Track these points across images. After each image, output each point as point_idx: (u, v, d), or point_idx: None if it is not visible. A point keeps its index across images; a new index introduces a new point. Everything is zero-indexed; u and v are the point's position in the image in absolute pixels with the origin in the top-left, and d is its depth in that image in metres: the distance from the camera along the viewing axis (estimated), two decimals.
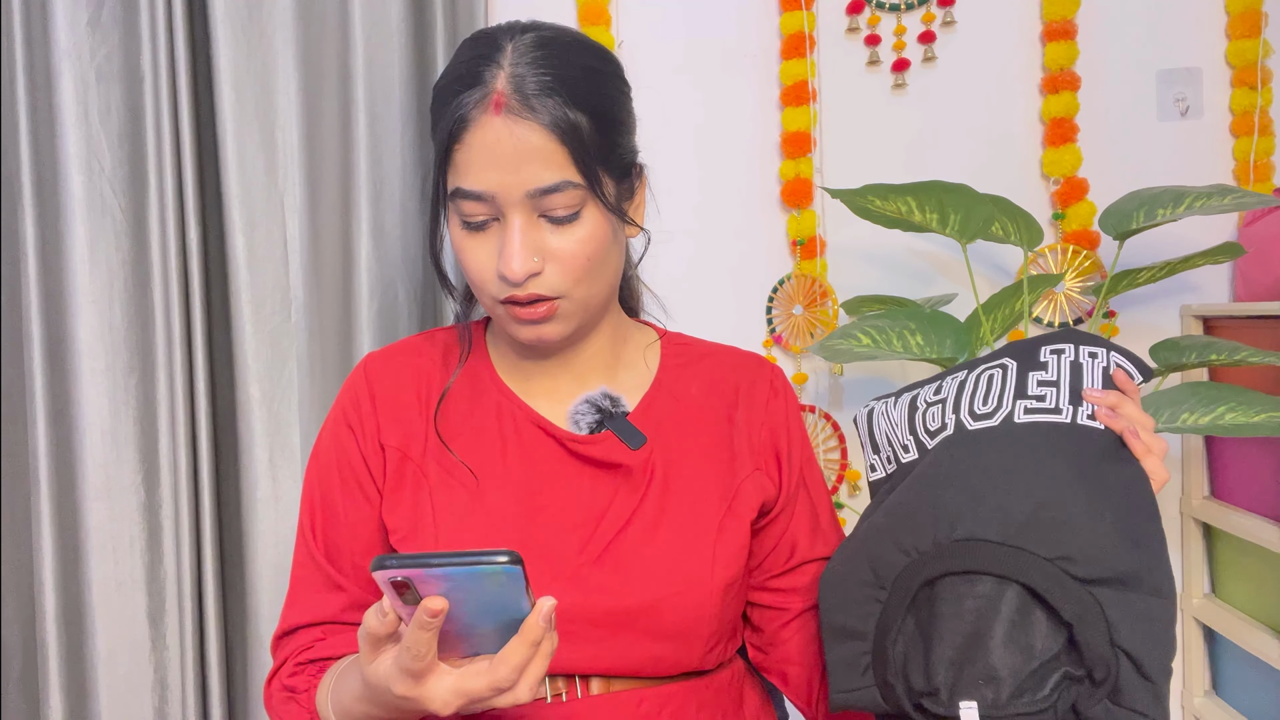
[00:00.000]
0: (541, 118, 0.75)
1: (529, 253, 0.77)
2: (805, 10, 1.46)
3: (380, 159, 1.39)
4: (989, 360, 0.82)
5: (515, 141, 0.75)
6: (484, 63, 0.77)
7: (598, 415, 0.85)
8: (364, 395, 0.88)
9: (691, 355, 0.93)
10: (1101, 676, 0.67)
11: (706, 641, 0.82)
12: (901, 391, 0.86)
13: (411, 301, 1.43)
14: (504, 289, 0.78)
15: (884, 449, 0.84)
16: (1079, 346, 0.78)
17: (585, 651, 0.79)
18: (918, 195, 1.27)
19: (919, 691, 0.71)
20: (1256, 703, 1.32)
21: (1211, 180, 1.42)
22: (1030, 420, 0.75)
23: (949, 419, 0.79)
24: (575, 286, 0.79)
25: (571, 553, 0.80)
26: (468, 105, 0.76)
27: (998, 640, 0.69)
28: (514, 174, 0.75)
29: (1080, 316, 1.44)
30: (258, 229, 1.37)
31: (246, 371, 1.37)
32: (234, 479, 1.42)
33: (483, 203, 0.77)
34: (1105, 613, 0.67)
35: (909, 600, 0.72)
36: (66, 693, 1.37)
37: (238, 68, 1.36)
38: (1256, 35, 1.39)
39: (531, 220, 0.77)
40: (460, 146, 0.77)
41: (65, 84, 1.35)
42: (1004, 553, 0.69)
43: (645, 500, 0.82)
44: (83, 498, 1.37)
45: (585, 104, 0.77)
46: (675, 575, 0.80)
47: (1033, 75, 1.45)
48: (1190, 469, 1.42)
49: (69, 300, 1.37)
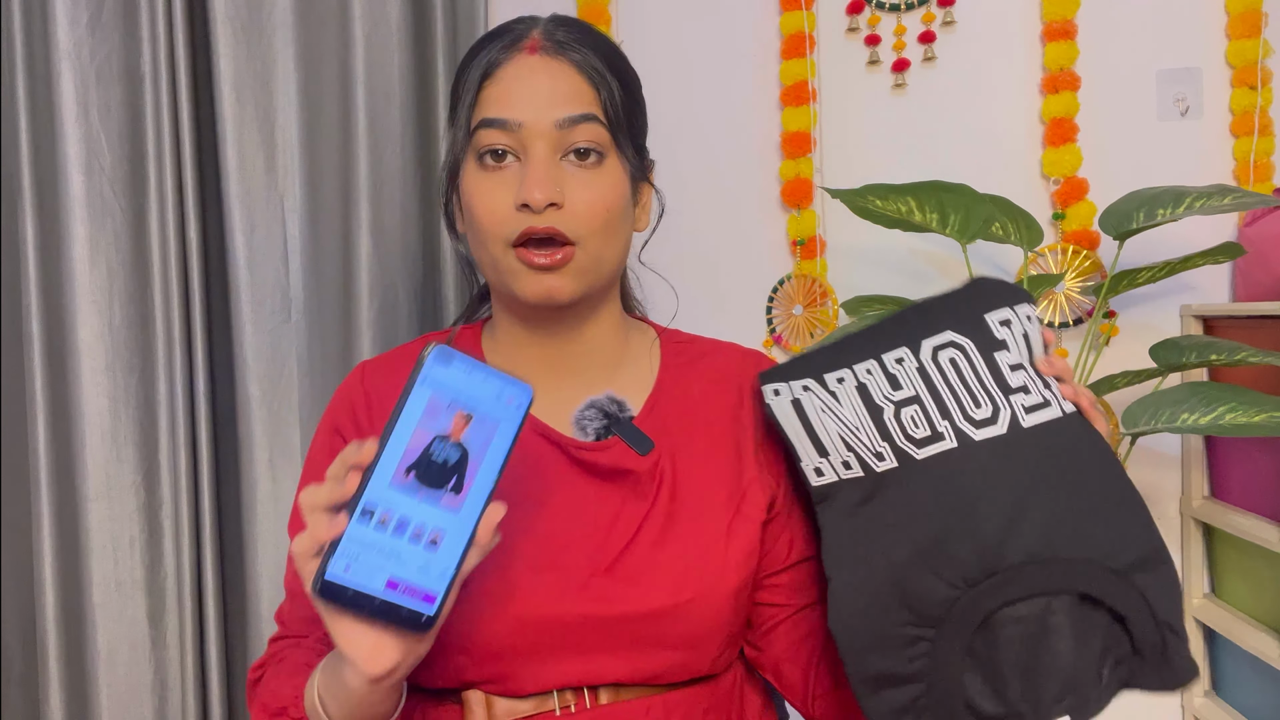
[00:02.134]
0: (574, 58, 0.78)
1: (552, 182, 0.76)
2: (805, 10, 1.46)
3: (380, 159, 1.39)
4: (924, 329, 0.76)
5: (549, 75, 0.78)
6: (519, 21, 0.82)
7: (604, 420, 0.83)
8: (359, 401, 0.87)
9: (693, 353, 0.92)
10: (1153, 654, 0.71)
11: (720, 646, 0.81)
12: (816, 370, 0.77)
13: (411, 301, 1.43)
14: (521, 222, 0.76)
15: (836, 451, 0.75)
16: (1014, 308, 0.75)
17: (599, 662, 0.78)
18: (918, 195, 1.27)
19: (991, 715, 0.70)
20: (1256, 703, 1.32)
21: (1211, 180, 1.42)
22: (1037, 422, 0.73)
23: (943, 427, 0.73)
24: (591, 235, 0.78)
25: (581, 564, 0.78)
26: (498, 48, 0.79)
27: (1067, 649, 0.70)
28: (545, 104, 0.77)
29: (1080, 316, 1.44)
30: (258, 229, 1.38)
31: (246, 371, 1.37)
32: (234, 479, 1.42)
33: (508, 132, 0.77)
34: (1146, 596, 0.70)
35: (970, 633, 0.70)
36: (66, 693, 1.37)
37: (238, 68, 1.36)
38: (1256, 35, 1.39)
39: (554, 158, 0.78)
40: (491, 82, 0.78)
41: (65, 84, 1.35)
42: (1055, 568, 0.70)
43: (655, 507, 0.81)
44: (83, 498, 1.37)
45: (612, 68, 0.81)
46: (687, 582, 0.78)
47: (1033, 75, 1.45)
48: (1190, 469, 1.42)
49: (69, 300, 1.37)
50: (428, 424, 0.61)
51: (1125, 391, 1.37)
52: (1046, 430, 0.72)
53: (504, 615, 0.75)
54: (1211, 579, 1.43)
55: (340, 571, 0.59)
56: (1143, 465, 1.46)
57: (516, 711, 0.78)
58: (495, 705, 0.78)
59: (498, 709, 0.78)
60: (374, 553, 0.60)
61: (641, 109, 0.85)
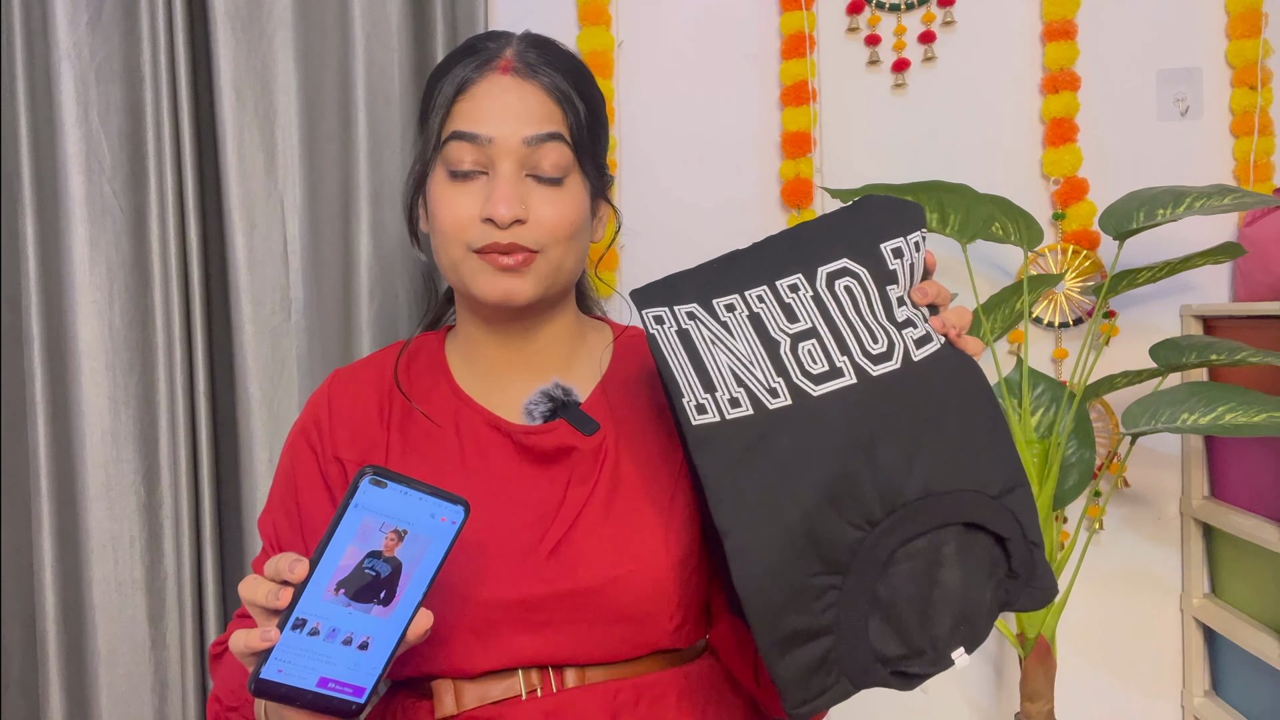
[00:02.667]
0: (545, 82, 0.82)
1: (517, 199, 0.80)
2: (805, 10, 1.46)
3: (380, 159, 1.39)
4: (819, 254, 0.73)
5: (520, 94, 0.82)
6: (489, 41, 0.85)
7: (550, 405, 0.87)
8: (323, 411, 0.90)
9: (641, 342, 0.94)
10: (1024, 571, 0.72)
11: (670, 618, 0.82)
12: (703, 294, 0.73)
13: (411, 302, 1.43)
14: (485, 235, 0.80)
15: (725, 387, 0.69)
16: (906, 237, 0.73)
17: (552, 639, 0.80)
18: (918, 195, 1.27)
19: (895, 658, 0.70)
20: (1256, 703, 1.32)
21: (1211, 180, 1.42)
22: (924, 355, 0.71)
23: (842, 362, 0.70)
24: (554, 245, 0.82)
25: (530, 547, 0.81)
26: (471, 67, 0.83)
27: (957, 580, 0.70)
28: (514, 121, 0.81)
29: (1080, 316, 1.44)
30: (258, 229, 1.38)
31: (246, 371, 1.37)
32: (234, 479, 1.42)
33: (477, 147, 0.81)
34: (1018, 519, 0.71)
35: (877, 574, 0.69)
36: (66, 693, 1.37)
37: (238, 68, 1.36)
38: (1256, 35, 1.39)
39: (520, 175, 0.81)
40: (463, 97, 0.82)
41: (65, 84, 1.35)
42: (946, 500, 0.70)
43: (598, 486, 0.83)
44: (83, 498, 1.37)
45: (579, 91, 0.84)
46: (628, 553, 0.80)
47: (1033, 75, 1.45)
48: (1190, 469, 1.42)
49: (69, 300, 1.37)
50: (360, 543, 0.65)
51: (1125, 391, 1.37)
52: (932, 363, 0.71)
53: (452, 598, 0.78)
54: (1211, 579, 1.43)
55: (274, 674, 0.64)
56: (1143, 465, 1.46)
57: (485, 697, 0.80)
58: (464, 692, 0.80)
59: (466, 696, 0.80)
60: (306, 656, 0.64)
61: (605, 129, 0.90)
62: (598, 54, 1.47)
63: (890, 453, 0.69)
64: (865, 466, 0.68)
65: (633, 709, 0.80)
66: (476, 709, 0.80)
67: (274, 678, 0.63)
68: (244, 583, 0.66)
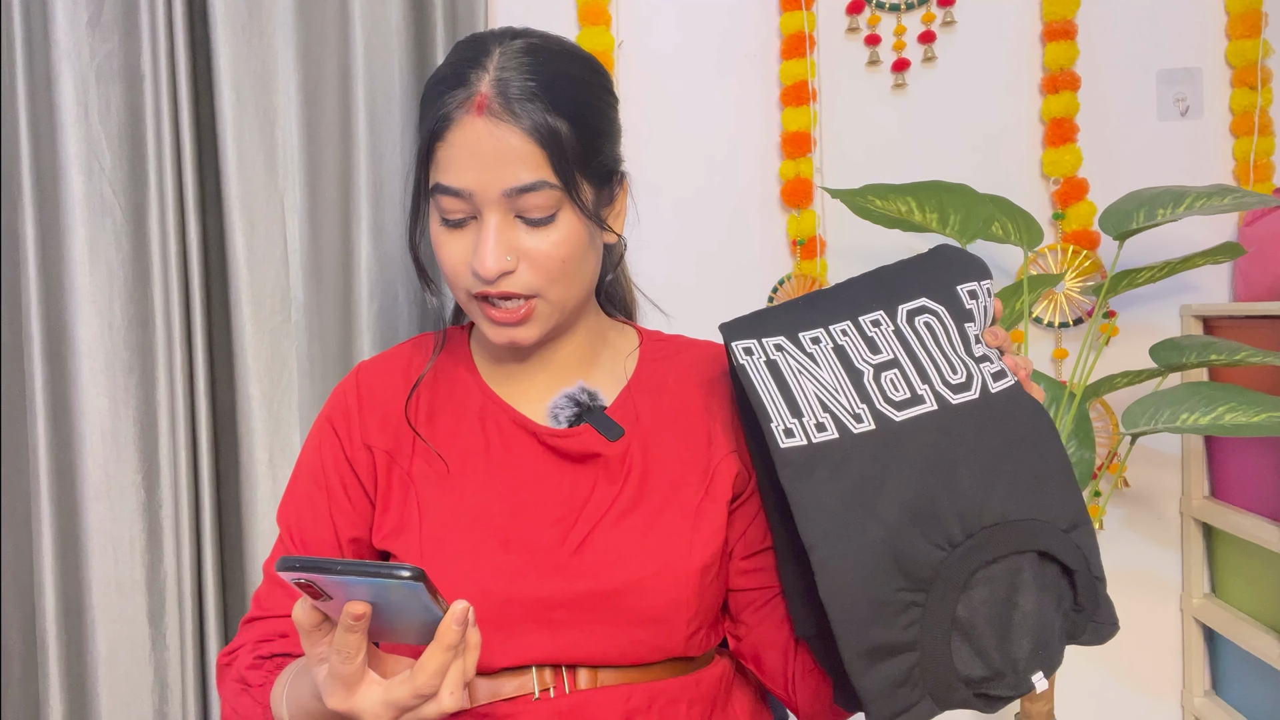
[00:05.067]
0: (522, 122, 0.77)
1: (502, 251, 0.79)
2: (805, 10, 1.46)
3: (380, 159, 1.39)
4: (899, 294, 0.78)
5: (495, 142, 0.77)
6: (470, 65, 0.79)
7: (576, 409, 0.87)
8: (352, 399, 0.91)
9: (669, 350, 0.95)
10: (1089, 605, 0.75)
11: (688, 625, 0.82)
12: (789, 328, 0.77)
13: (411, 302, 1.43)
14: (477, 284, 0.81)
15: (812, 413, 0.74)
16: (981, 283, 0.79)
17: (568, 638, 0.80)
18: (918, 195, 1.27)
19: (977, 679, 0.72)
20: (1256, 703, 1.32)
21: (1211, 180, 1.42)
22: (1000, 389, 0.75)
23: (923, 390, 0.74)
24: (550, 287, 0.81)
25: (553, 545, 0.82)
26: (451, 105, 0.78)
27: (1033, 606, 0.72)
28: (492, 173, 0.77)
29: (1080, 316, 1.44)
30: (258, 229, 1.38)
31: (246, 371, 1.37)
32: (234, 479, 1.42)
33: (461, 199, 0.79)
34: (1084, 553, 0.74)
35: (957, 595, 0.71)
36: (66, 693, 1.37)
37: (238, 68, 1.36)
38: (1256, 35, 1.39)
39: (508, 220, 0.79)
40: (442, 144, 0.79)
41: (65, 84, 1.35)
42: (1022, 527, 0.72)
43: (624, 490, 0.84)
44: (83, 498, 1.37)
45: (567, 111, 0.79)
46: (652, 557, 0.81)
47: (1033, 75, 1.45)
48: (1190, 469, 1.42)
49: (69, 300, 1.37)
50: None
51: (1125, 391, 1.37)
52: (1007, 397, 0.75)
53: (472, 589, 0.78)
54: (1211, 579, 1.43)
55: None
56: (1143, 465, 1.46)
57: (497, 693, 0.80)
58: (477, 687, 0.81)
59: (479, 691, 0.81)
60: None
61: (597, 131, 0.83)
62: (598, 54, 1.47)
63: (969, 477, 0.72)
64: (945, 489, 0.72)
65: (645, 714, 0.81)
66: (489, 705, 0.80)
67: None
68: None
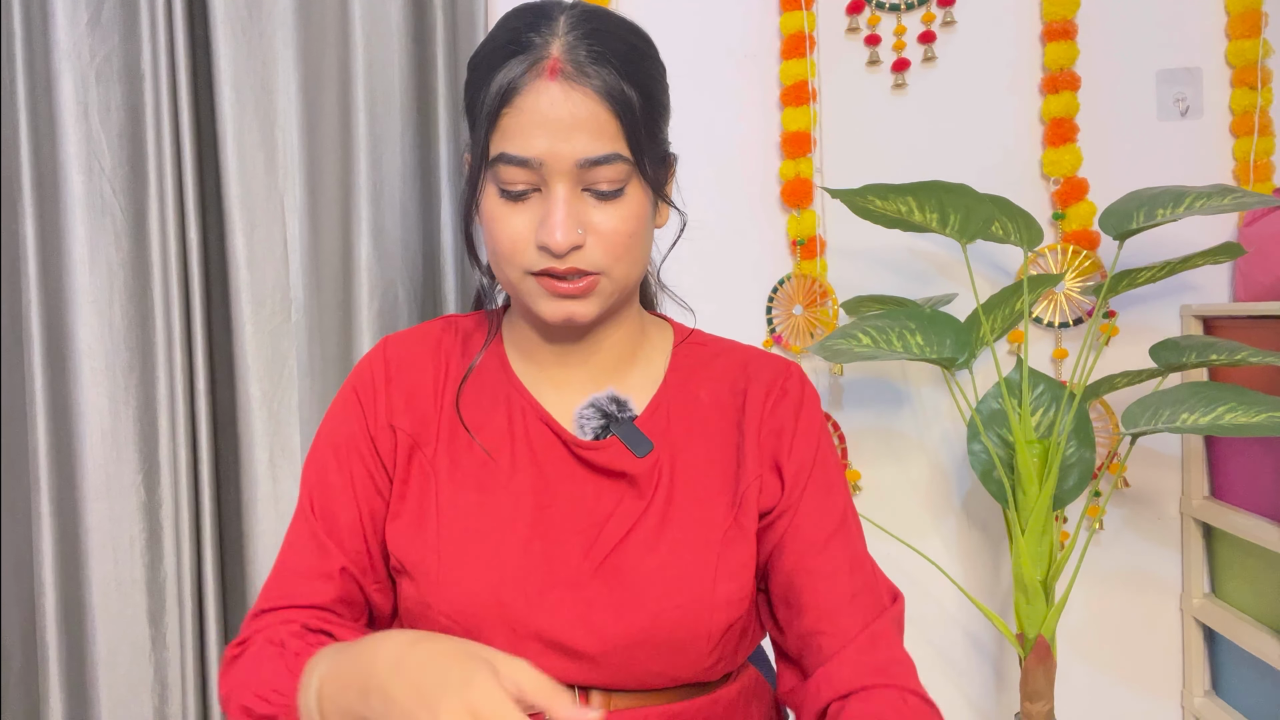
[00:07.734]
0: (596, 85, 0.73)
1: (574, 223, 0.74)
2: (805, 10, 1.46)
3: (380, 159, 1.39)
4: None
5: (570, 107, 0.73)
6: (535, 30, 0.75)
7: (603, 420, 0.83)
8: (379, 375, 0.86)
9: (705, 354, 0.90)
10: None
11: (708, 656, 0.80)
12: None
13: (411, 302, 1.43)
14: (541, 260, 0.76)
15: None
16: None
17: (583, 664, 0.77)
18: (918, 195, 1.27)
19: None
20: (1256, 703, 1.32)
21: (1211, 180, 1.42)
22: None
23: None
24: (615, 264, 0.77)
25: (573, 559, 0.78)
26: (519, 70, 0.74)
27: None
28: (565, 142, 0.73)
29: (1080, 316, 1.44)
30: (258, 229, 1.37)
31: (246, 371, 1.37)
32: (234, 479, 1.42)
33: (528, 170, 0.75)
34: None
35: None
36: (66, 693, 1.37)
37: (238, 68, 1.36)
38: (1256, 35, 1.39)
39: (576, 192, 0.75)
40: (510, 110, 0.74)
41: (65, 84, 1.35)
42: None
43: (650, 509, 0.80)
44: (83, 498, 1.37)
45: (636, 80, 0.75)
46: (675, 591, 0.77)
47: (1033, 75, 1.45)
48: (1190, 469, 1.42)
49: (69, 300, 1.37)
50: None
51: (1125, 391, 1.37)
52: None
53: (488, 600, 0.76)
54: (1211, 579, 1.43)
55: None
56: (1143, 465, 1.46)
57: None
58: None
59: None
60: None
61: (661, 106, 0.80)
62: None
63: None
64: None
65: None
66: None
67: None
68: None
